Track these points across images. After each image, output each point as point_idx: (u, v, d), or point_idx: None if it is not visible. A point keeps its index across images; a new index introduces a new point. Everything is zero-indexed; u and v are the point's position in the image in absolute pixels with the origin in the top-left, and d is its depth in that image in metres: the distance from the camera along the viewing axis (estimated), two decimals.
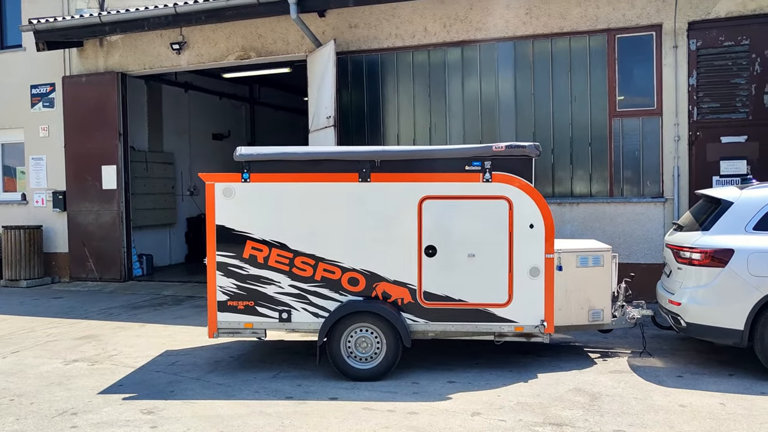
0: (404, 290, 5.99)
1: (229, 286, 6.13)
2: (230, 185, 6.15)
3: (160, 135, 14.51)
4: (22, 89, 13.00)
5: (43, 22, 11.55)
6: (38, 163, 12.99)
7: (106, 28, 11.42)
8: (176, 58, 11.90)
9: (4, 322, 8.94)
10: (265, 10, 10.29)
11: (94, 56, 12.54)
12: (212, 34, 11.56)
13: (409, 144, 10.41)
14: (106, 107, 12.22)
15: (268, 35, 11.18)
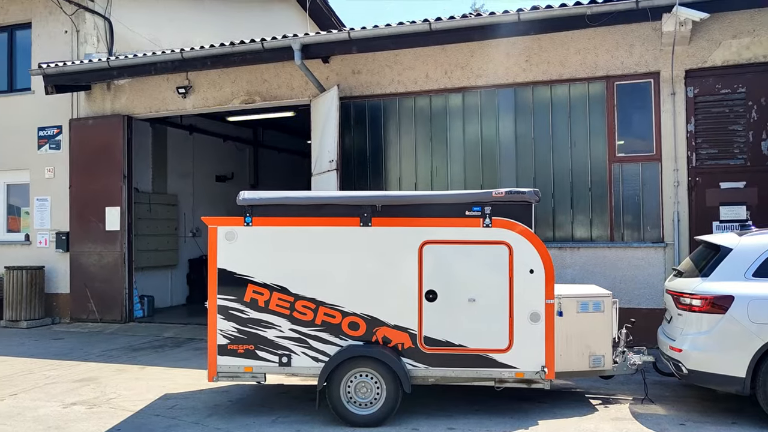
0: (405, 335, 5.99)
1: (229, 329, 6.13)
2: (233, 229, 6.20)
3: (164, 177, 14.65)
4: (30, 131, 13.19)
5: (52, 66, 11.79)
6: (43, 203, 13.09)
7: (114, 73, 11.64)
8: (182, 101, 12.10)
9: (4, 363, 8.91)
10: (270, 56, 10.51)
11: (101, 99, 12.75)
12: (218, 78, 11.77)
13: (410, 188, 10.51)
14: (112, 149, 12.38)
15: (272, 80, 11.38)
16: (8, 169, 13.50)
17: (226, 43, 10.60)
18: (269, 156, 18.64)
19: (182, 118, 14.56)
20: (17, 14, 13.43)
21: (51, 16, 13.00)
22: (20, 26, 13.56)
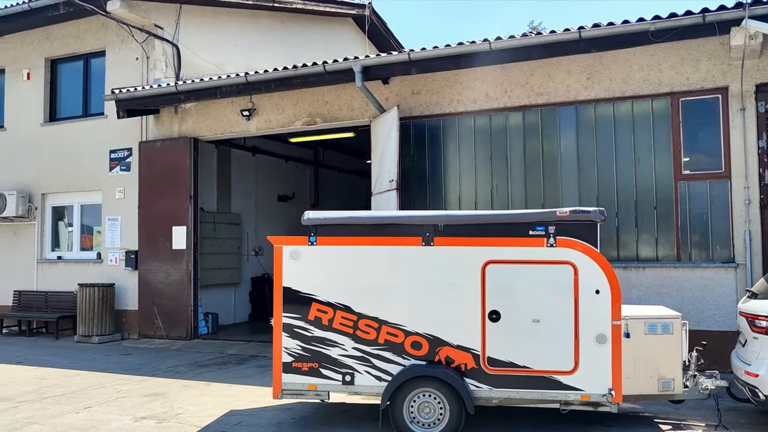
0: (468, 355, 5.96)
1: (294, 347, 6.23)
2: (297, 248, 6.32)
3: (228, 197, 15.03)
4: (102, 154, 13.76)
5: (124, 91, 12.31)
6: (113, 223, 13.60)
7: (182, 97, 12.07)
8: (246, 123, 12.42)
9: (78, 377, 9.25)
10: (331, 78, 10.72)
11: (169, 122, 13.22)
12: (280, 101, 12.05)
13: (470, 207, 10.49)
14: (179, 170, 12.79)
15: (333, 102, 11.58)
16: (82, 190, 14.10)
17: (289, 67, 10.86)
18: (329, 176, 18.92)
19: (245, 140, 14.93)
20: (92, 43, 14.09)
21: (123, 44, 13.59)
22: (95, 54, 14.23)
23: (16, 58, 15.08)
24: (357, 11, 18.96)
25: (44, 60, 14.74)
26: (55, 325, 13.42)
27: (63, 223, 14.74)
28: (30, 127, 14.76)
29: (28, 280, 14.56)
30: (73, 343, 12.71)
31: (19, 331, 14.19)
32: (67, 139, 14.27)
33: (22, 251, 14.73)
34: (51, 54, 14.68)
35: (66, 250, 14.60)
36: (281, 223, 16.53)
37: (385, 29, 20.14)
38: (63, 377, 9.25)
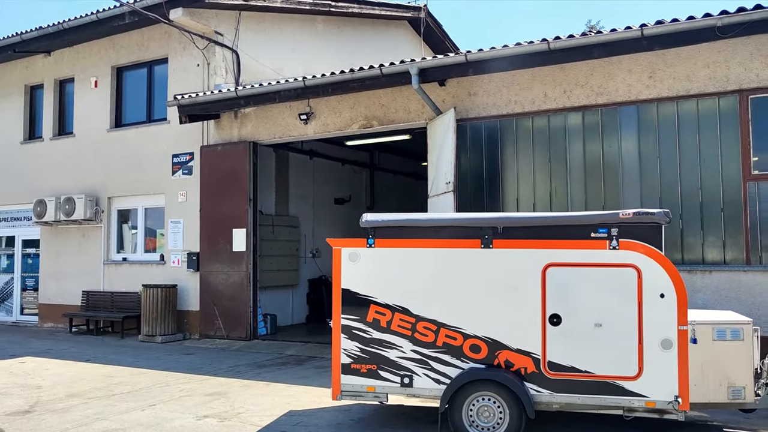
0: (528, 359, 5.89)
1: (353, 348, 6.27)
2: (356, 250, 6.36)
3: (286, 200, 15.25)
4: (165, 158, 14.15)
5: (186, 97, 12.63)
6: (176, 226, 13.96)
7: (241, 101, 12.31)
8: (303, 127, 12.58)
9: (143, 375, 9.53)
10: (387, 81, 10.75)
11: (229, 127, 13.50)
12: (337, 104, 12.16)
13: (528, 209, 10.36)
14: (239, 174, 13.04)
15: (390, 104, 11.62)
16: (146, 193, 14.52)
17: (346, 70, 10.95)
18: (385, 178, 18.98)
19: (303, 143, 15.12)
20: (156, 50, 14.52)
21: (185, 51, 13.95)
22: (158, 62, 14.65)
23: (84, 66, 15.66)
24: (412, 14, 18.99)
25: (110, 68, 15.25)
26: (121, 324, 13.86)
27: (127, 226, 15.21)
28: (97, 133, 15.30)
29: (96, 280, 15.09)
30: (137, 342, 13.10)
31: (87, 330, 14.71)
32: (131, 144, 14.74)
33: (90, 253, 15.27)
34: (117, 62, 15.19)
35: (130, 252, 15.06)
36: (337, 225, 16.67)
37: (440, 31, 20.11)
38: (129, 375, 9.54)
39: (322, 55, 16.36)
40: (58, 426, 6.79)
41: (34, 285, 16.56)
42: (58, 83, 16.35)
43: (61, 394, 8.35)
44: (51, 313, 15.79)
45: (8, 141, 17.05)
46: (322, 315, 15.47)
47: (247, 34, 14.33)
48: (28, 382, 9.18)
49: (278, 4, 14.38)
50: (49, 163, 16.06)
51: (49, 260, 16.04)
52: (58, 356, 11.36)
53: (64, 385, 8.89)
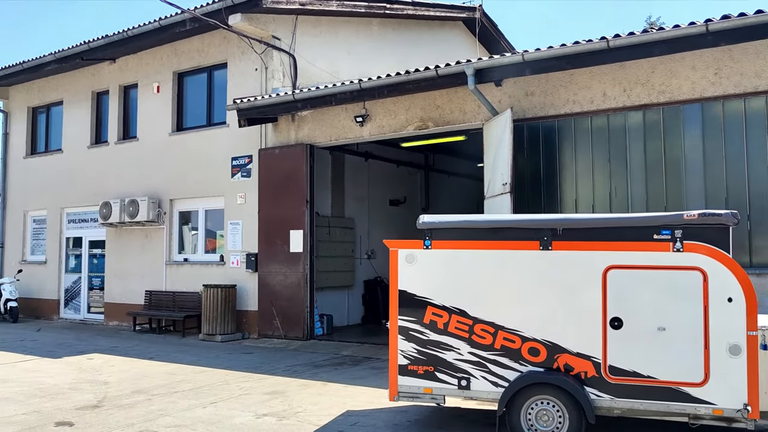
0: (588, 363, 5.78)
1: (409, 350, 6.28)
2: (412, 252, 6.36)
3: (341, 201, 15.39)
4: (224, 161, 14.46)
5: (245, 101, 12.88)
6: (235, 227, 14.25)
7: (298, 105, 12.49)
8: (359, 129, 12.67)
9: (204, 373, 9.76)
10: (443, 82, 10.74)
11: (286, 130, 13.70)
12: (393, 106, 12.20)
13: (587, 210, 10.18)
14: (296, 176, 13.22)
15: (445, 106, 11.59)
16: (206, 195, 14.87)
17: (402, 72, 10.98)
18: (439, 180, 18.94)
19: (358, 145, 15.22)
20: (215, 56, 14.86)
21: (243, 55, 14.23)
22: (217, 66, 14.99)
23: (147, 72, 16.15)
24: (467, 14, 18.91)
25: (172, 74, 15.68)
26: (182, 323, 14.22)
27: (188, 228, 15.60)
28: (159, 137, 15.75)
29: (158, 280, 15.53)
30: (197, 341, 13.42)
31: (150, 329, 15.15)
32: (192, 147, 15.12)
33: (153, 253, 15.73)
34: (178, 68, 15.61)
35: (191, 253, 15.44)
36: (393, 227, 16.72)
37: (495, 31, 19.96)
38: (191, 373, 9.78)
39: (377, 57, 16.45)
40: (125, 421, 7.01)
41: (100, 284, 17.15)
42: (123, 89, 16.90)
43: (127, 390, 8.62)
44: (116, 311, 16.33)
45: (76, 145, 17.73)
46: (377, 316, 15.53)
47: (304, 38, 14.53)
48: (96, 378, 9.51)
49: (334, 7, 14.52)
50: (114, 167, 16.62)
51: (114, 260, 16.59)
52: (123, 354, 11.74)
53: (129, 382, 9.18)
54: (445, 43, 18.99)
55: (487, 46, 20.10)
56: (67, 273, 18.08)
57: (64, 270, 18.11)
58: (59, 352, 11.92)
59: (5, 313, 17.62)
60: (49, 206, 18.36)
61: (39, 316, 18.24)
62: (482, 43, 19.95)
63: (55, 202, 18.15)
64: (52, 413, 7.37)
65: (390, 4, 15.92)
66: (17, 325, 16.78)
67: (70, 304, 17.95)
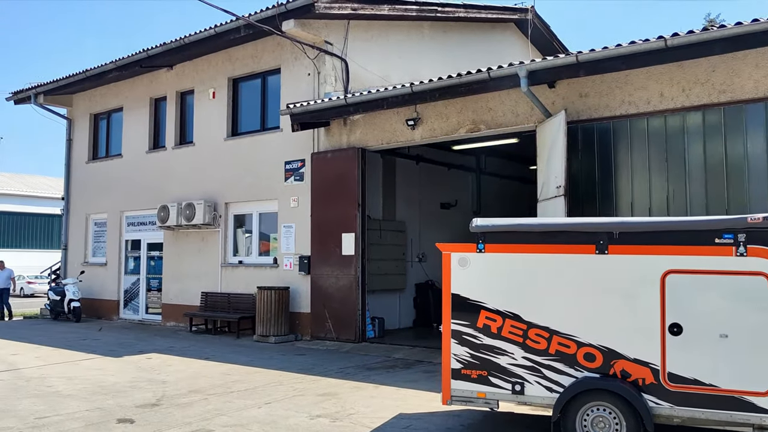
0: (646, 370, 5.66)
1: (463, 354, 6.26)
2: (465, 255, 6.34)
3: (392, 204, 15.43)
4: (278, 165, 14.67)
5: (298, 106, 13.05)
6: (288, 230, 14.44)
7: (350, 109, 12.59)
8: (410, 133, 12.69)
9: (258, 374, 9.92)
10: (495, 84, 10.66)
11: (338, 134, 13.82)
12: (444, 109, 12.18)
13: (644, 213, 9.95)
14: (348, 180, 13.33)
15: (497, 108, 11.51)
16: (260, 199, 15.13)
17: (453, 75, 10.95)
18: (491, 183, 18.81)
19: (409, 149, 15.23)
20: (269, 62, 15.10)
21: (296, 61, 14.42)
22: (271, 72, 15.24)
23: (203, 79, 16.53)
24: (519, 15, 18.74)
25: (227, 80, 16.01)
26: (237, 324, 14.48)
27: (241, 230, 15.89)
28: (215, 142, 16.09)
29: (213, 282, 15.86)
30: (252, 342, 13.64)
31: (205, 329, 15.48)
32: (246, 151, 15.40)
33: (208, 256, 16.07)
34: (232, 74, 15.93)
35: (245, 255, 15.72)
36: (444, 230, 16.66)
37: (547, 31, 19.72)
38: (245, 374, 9.95)
39: (428, 60, 16.45)
40: (183, 419, 7.18)
41: (158, 286, 17.61)
42: (179, 95, 17.34)
43: (184, 389, 8.83)
44: (173, 312, 16.74)
45: (135, 151, 18.27)
46: (428, 319, 15.51)
47: (355, 43, 14.64)
48: (155, 377, 9.77)
49: (385, 11, 14.59)
50: (171, 171, 17.07)
51: (171, 262, 17.02)
52: (180, 353, 12.02)
53: (186, 381, 9.40)
54: (496, 45, 18.86)
55: (539, 47, 19.88)
56: (127, 274, 18.63)
57: (123, 271, 18.68)
58: (119, 351, 12.29)
59: (68, 312, 18.27)
60: (110, 210, 18.96)
61: (100, 316, 18.84)
62: (534, 45, 19.74)
63: (115, 205, 18.74)
64: (114, 410, 7.61)
65: (441, 7, 15.91)
66: (80, 325, 17.38)
67: (129, 304, 18.49)
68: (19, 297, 32.10)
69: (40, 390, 8.77)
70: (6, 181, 41.32)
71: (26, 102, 20.18)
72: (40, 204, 43.63)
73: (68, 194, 20.60)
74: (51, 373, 10.02)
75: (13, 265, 23.03)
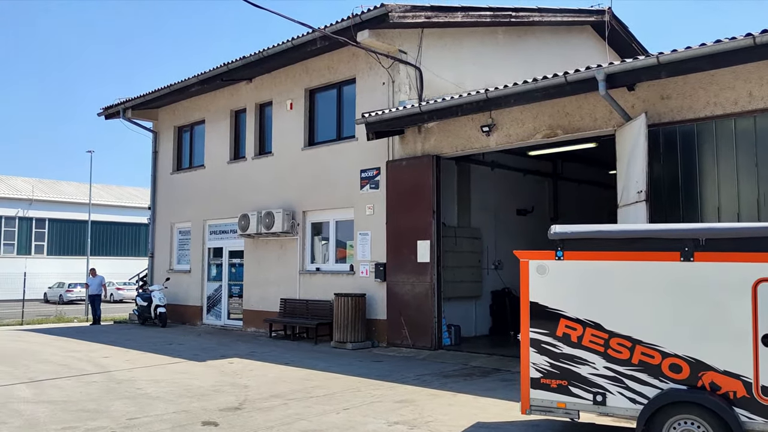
0: (737, 383, 5.43)
1: (542, 363, 6.18)
2: (544, 263, 6.26)
3: (467, 211, 15.36)
4: (354, 174, 14.87)
5: (373, 115, 13.20)
6: (364, 238, 14.60)
7: (425, 117, 12.64)
8: (485, 139, 12.62)
9: (337, 380, 10.06)
10: (572, 89, 10.48)
11: (413, 142, 13.89)
12: (520, 115, 12.05)
13: (731, 219, 9.54)
14: (422, 187, 13.37)
15: (575, 112, 11.31)
16: (336, 207, 15.37)
17: (529, 80, 10.83)
18: (568, 188, 18.43)
19: (484, 155, 15.14)
20: (344, 72, 15.35)
21: (371, 70, 14.60)
22: (346, 82, 15.49)
23: (280, 90, 16.96)
24: (596, 18, 18.35)
25: (304, 91, 16.37)
26: (315, 330, 14.73)
27: (318, 238, 16.16)
28: (292, 152, 16.46)
29: (292, 288, 16.20)
30: (329, 348, 13.84)
31: (284, 335, 15.81)
32: (323, 161, 15.68)
33: (287, 263, 16.43)
34: (309, 85, 16.27)
35: (322, 262, 15.98)
36: (520, 237, 16.44)
37: (625, 33, 19.22)
38: (324, 380, 10.11)
39: (502, 65, 16.31)
40: (264, 423, 7.37)
41: (239, 292, 18.13)
42: (258, 107, 17.84)
43: (265, 393, 9.05)
44: (253, 318, 17.19)
45: (217, 161, 18.91)
46: (505, 327, 15.33)
47: (429, 51, 14.68)
48: (237, 381, 10.06)
49: (459, 18, 14.57)
50: (251, 181, 17.57)
51: (251, 269, 17.49)
52: (260, 359, 12.33)
53: (267, 386, 9.63)
54: (572, 48, 18.51)
55: (617, 49, 19.37)
56: (209, 281, 19.27)
57: (206, 278, 19.33)
58: (203, 356, 12.72)
59: (155, 318, 19.05)
60: (193, 218, 19.68)
61: (184, 322, 19.56)
62: (612, 47, 19.25)
63: (198, 214, 19.44)
64: (198, 413, 7.88)
65: (515, 12, 15.76)
66: (166, 330, 18.09)
67: (212, 310, 19.11)
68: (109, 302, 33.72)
69: (130, 392, 9.18)
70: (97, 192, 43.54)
71: (116, 117, 21.20)
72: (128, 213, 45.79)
73: (154, 204, 21.52)
74: (140, 376, 10.48)
75: (104, 272, 24.25)
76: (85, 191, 41.64)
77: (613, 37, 18.95)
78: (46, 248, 43.27)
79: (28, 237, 42.57)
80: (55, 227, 43.56)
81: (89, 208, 35.85)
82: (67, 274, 39.20)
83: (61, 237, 43.84)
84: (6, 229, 41.59)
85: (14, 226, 41.94)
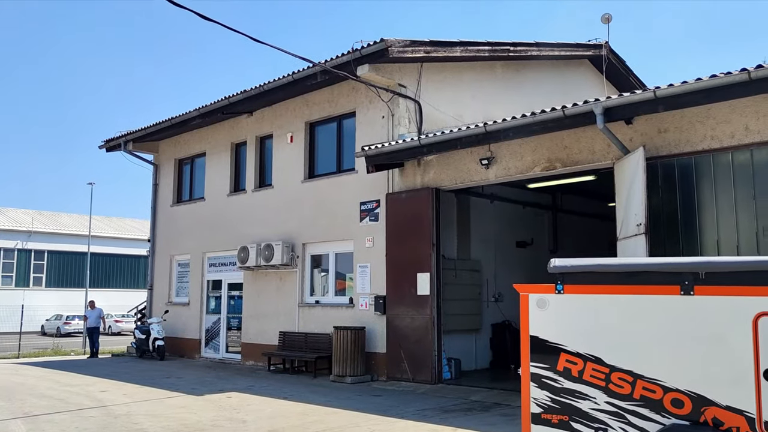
0: (740, 418, 5.37)
1: (542, 398, 6.11)
2: (544, 296, 6.23)
3: (467, 244, 15.36)
4: (353, 206, 14.91)
5: (372, 148, 13.29)
6: (363, 270, 14.58)
7: (424, 150, 12.72)
8: (485, 172, 12.68)
9: (336, 415, 9.95)
10: (570, 122, 10.57)
11: (412, 175, 13.96)
12: (518, 148, 12.14)
13: (731, 252, 9.54)
14: (422, 220, 13.39)
15: (573, 146, 11.39)
16: (336, 239, 15.38)
17: (527, 114, 10.93)
18: (568, 221, 18.47)
19: (483, 188, 15.20)
20: (344, 106, 15.50)
21: (371, 104, 14.73)
22: (346, 116, 15.62)
23: (281, 124, 17.09)
24: (593, 52, 18.58)
25: (304, 124, 16.50)
26: (314, 364, 14.62)
27: (318, 270, 16.13)
28: (292, 184, 16.53)
29: (291, 321, 16.12)
30: (328, 381, 13.72)
31: (283, 369, 15.68)
32: (323, 193, 15.74)
33: (286, 295, 16.37)
34: (309, 118, 16.41)
35: (321, 295, 15.93)
36: (520, 269, 16.43)
37: (623, 67, 19.45)
38: (323, 414, 10.01)
39: (501, 99, 16.47)
40: None
41: (237, 325, 18.03)
42: (259, 140, 17.96)
43: (264, 428, 8.95)
44: (252, 351, 17.07)
45: (217, 194, 18.97)
46: (505, 361, 15.22)
47: (428, 84, 14.84)
48: (234, 416, 9.95)
49: (458, 53, 14.75)
50: (251, 213, 17.60)
51: (250, 302, 17.43)
52: (258, 393, 12.22)
53: (265, 420, 9.53)
54: (570, 82, 18.71)
55: (614, 82, 19.58)
56: (208, 314, 19.18)
57: (205, 311, 19.25)
58: (201, 390, 12.60)
59: (153, 351, 18.91)
60: (192, 251, 19.66)
61: (183, 355, 19.41)
62: (610, 80, 19.45)
63: (198, 246, 19.43)
64: None
65: (513, 46, 15.96)
66: (163, 363, 17.95)
67: (210, 343, 18.98)
68: (107, 335, 33.48)
69: (127, 427, 9.08)
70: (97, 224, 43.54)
71: (116, 149, 21.33)
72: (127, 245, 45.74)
73: (154, 236, 21.52)
74: (137, 411, 10.37)
75: (102, 304, 24.12)
76: (84, 223, 41.68)
77: (611, 71, 19.16)
78: (44, 280, 43.16)
79: (27, 269, 42.48)
80: (54, 259, 43.51)
81: (89, 240, 35.85)
82: (66, 306, 39.06)
83: (60, 269, 43.76)
84: (5, 261, 41.52)
85: (13, 258, 41.88)
